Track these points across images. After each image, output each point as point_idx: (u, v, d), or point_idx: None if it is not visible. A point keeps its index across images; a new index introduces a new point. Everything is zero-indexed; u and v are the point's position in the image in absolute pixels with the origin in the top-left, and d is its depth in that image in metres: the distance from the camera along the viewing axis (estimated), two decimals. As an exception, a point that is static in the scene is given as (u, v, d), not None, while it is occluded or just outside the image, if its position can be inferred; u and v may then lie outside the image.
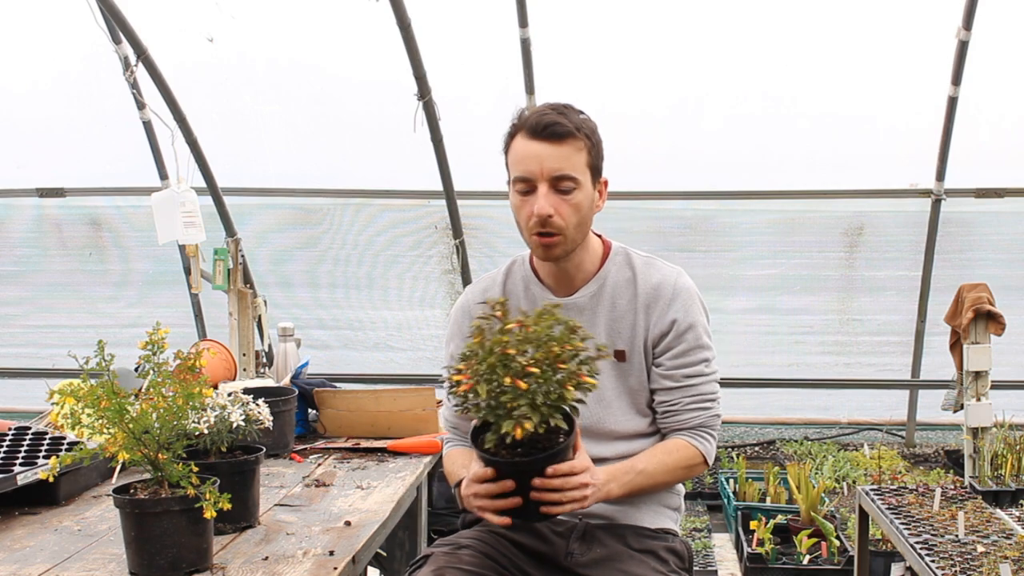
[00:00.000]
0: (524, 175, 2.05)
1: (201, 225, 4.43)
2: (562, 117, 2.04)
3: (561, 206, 2.04)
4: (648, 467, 2.09)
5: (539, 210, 2.03)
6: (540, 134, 2.03)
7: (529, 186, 2.05)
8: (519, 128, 2.07)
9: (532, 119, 2.04)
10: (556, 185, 2.04)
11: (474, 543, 2.07)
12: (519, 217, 2.10)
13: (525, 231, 2.10)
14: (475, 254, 5.65)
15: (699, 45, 5.07)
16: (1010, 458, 3.25)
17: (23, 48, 5.18)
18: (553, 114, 2.04)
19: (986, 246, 5.58)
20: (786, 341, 5.79)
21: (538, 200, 2.03)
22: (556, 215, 2.03)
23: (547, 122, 2.03)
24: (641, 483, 2.08)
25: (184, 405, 1.96)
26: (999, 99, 5.13)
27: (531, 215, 2.05)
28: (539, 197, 2.03)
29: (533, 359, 1.74)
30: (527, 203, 2.06)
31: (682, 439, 2.14)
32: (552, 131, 2.02)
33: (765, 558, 4.04)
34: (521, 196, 2.07)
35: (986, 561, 2.53)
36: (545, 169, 2.03)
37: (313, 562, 2.01)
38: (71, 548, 2.11)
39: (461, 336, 2.22)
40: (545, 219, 2.03)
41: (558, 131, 2.02)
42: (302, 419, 3.32)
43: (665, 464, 2.11)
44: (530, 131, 2.04)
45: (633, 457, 2.10)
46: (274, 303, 5.27)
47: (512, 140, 2.09)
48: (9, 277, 5.98)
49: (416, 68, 4.73)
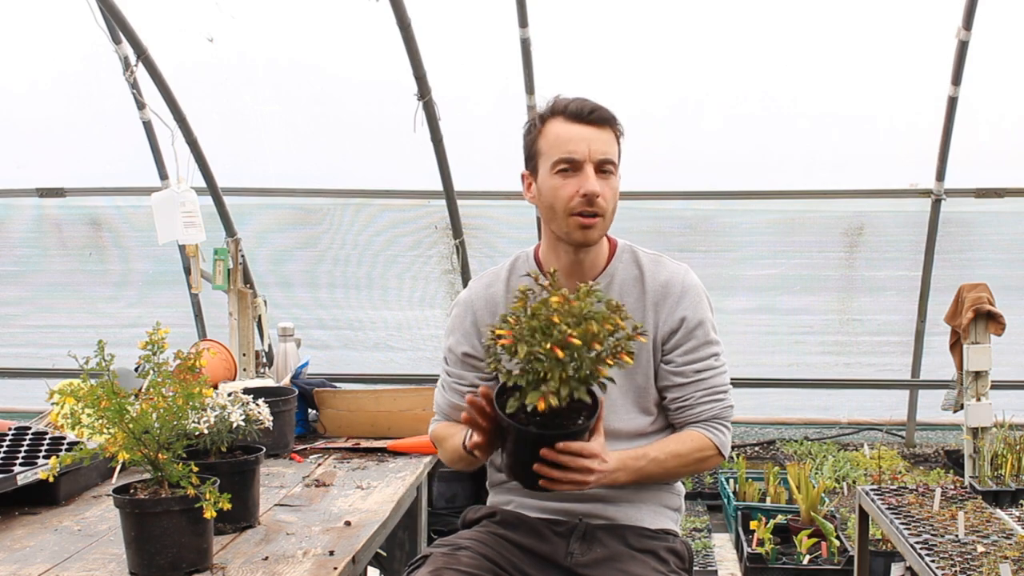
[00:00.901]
0: (570, 156, 2.06)
1: (201, 225, 4.43)
2: (601, 104, 2.10)
3: (605, 188, 2.07)
4: (660, 455, 2.08)
5: (590, 188, 2.04)
6: (585, 118, 2.07)
7: (574, 167, 2.06)
8: (556, 113, 2.09)
9: (573, 104, 2.08)
10: (600, 168, 2.07)
11: (473, 544, 2.07)
12: (557, 197, 2.08)
13: (563, 212, 2.08)
14: (475, 254, 5.65)
15: (699, 45, 5.07)
16: (1010, 458, 3.25)
17: (23, 48, 5.18)
18: (592, 101, 2.10)
19: (986, 246, 5.58)
20: (786, 341, 5.79)
21: (588, 179, 2.05)
22: (602, 197, 2.06)
23: (592, 107, 2.08)
24: (651, 471, 2.07)
25: (184, 405, 1.96)
26: (999, 99, 5.13)
27: (575, 194, 2.06)
28: (587, 176, 2.05)
29: (574, 332, 1.73)
30: (570, 182, 2.06)
31: (696, 431, 2.14)
32: (598, 115, 2.08)
33: (765, 558, 4.04)
34: (563, 177, 2.07)
35: (986, 561, 2.53)
36: (593, 151, 2.06)
37: (313, 562, 2.01)
38: (71, 548, 2.11)
39: (462, 330, 2.23)
40: (593, 198, 2.05)
41: (604, 115, 2.09)
42: (302, 419, 3.32)
43: (678, 453, 2.10)
44: (573, 115, 2.07)
45: (645, 445, 2.10)
46: (274, 303, 5.27)
47: (545, 125, 2.11)
48: (9, 277, 5.98)
49: (416, 68, 4.73)
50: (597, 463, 1.86)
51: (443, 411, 2.29)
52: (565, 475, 1.83)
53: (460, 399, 2.21)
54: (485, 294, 2.24)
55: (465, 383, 2.23)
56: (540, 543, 2.11)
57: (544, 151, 2.10)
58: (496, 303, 2.22)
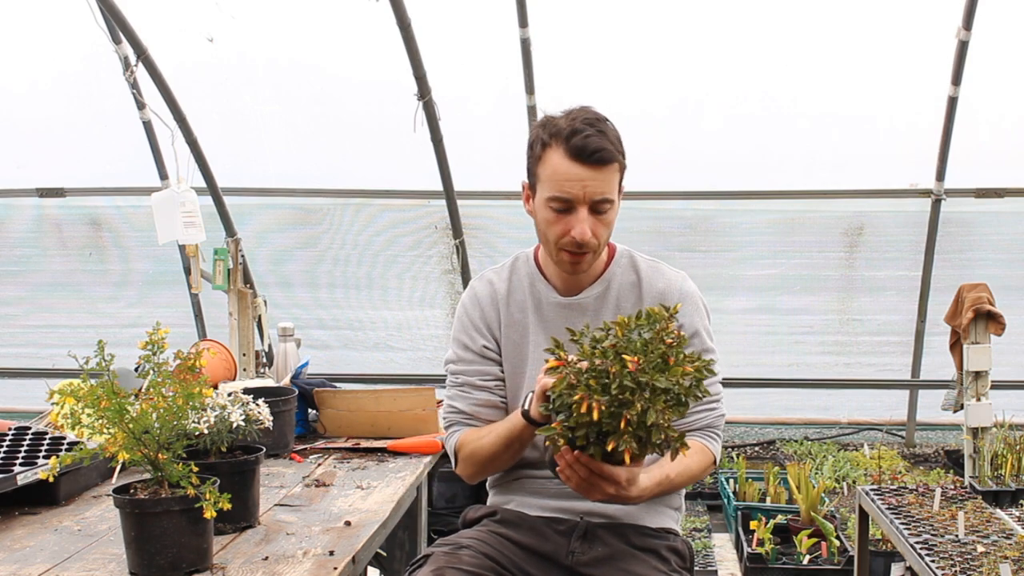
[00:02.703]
0: (564, 196, 2.03)
1: (201, 225, 4.43)
2: (605, 140, 2.02)
3: (597, 227, 2.06)
4: (674, 475, 2.05)
5: (580, 235, 2.03)
6: (586, 159, 2.00)
7: (567, 206, 2.04)
8: (559, 142, 2.03)
9: (577, 140, 2.00)
10: (595, 208, 2.04)
11: (474, 543, 2.07)
12: (549, 231, 2.08)
13: (552, 245, 2.09)
14: (475, 254, 5.65)
15: (699, 45, 5.07)
16: (1010, 458, 3.25)
17: (23, 48, 5.18)
18: (595, 135, 2.01)
19: (986, 246, 5.58)
20: (786, 341, 5.79)
21: (578, 223, 2.03)
22: (593, 235, 2.05)
23: (593, 148, 2.00)
24: (664, 491, 2.06)
25: (184, 405, 1.96)
26: (999, 99, 5.13)
27: (566, 233, 2.05)
28: (579, 220, 2.03)
29: (621, 397, 1.66)
30: (561, 221, 2.05)
31: (697, 441, 2.13)
32: (599, 157, 2.01)
33: (765, 558, 4.04)
34: (555, 213, 2.05)
35: (986, 561, 2.53)
36: (587, 194, 2.02)
37: (313, 562, 2.01)
38: (71, 548, 2.10)
39: (475, 327, 2.22)
40: (583, 241, 2.04)
41: (605, 157, 2.02)
42: (302, 419, 3.32)
43: (689, 468, 2.09)
44: (574, 153, 2.01)
45: (664, 464, 2.03)
46: (274, 303, 5.27)
47: (546, 151, 2.05)
48: (9, 277, 5.98)
49: (416, 68, 4.73)
50: (615, 488, 1.83)
51: (469, 416, 2.20)
52: (577, 481, 1.82)
53: (490, 395, 2.19)
54: (489, 290, 2.24)
55: (491, 378, 2.20)
56: (541, 542, 2.11)
57: (541, 180, 2.07)
58: (499, 300, 2.23)
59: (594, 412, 1.65)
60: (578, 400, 1.67)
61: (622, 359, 1.67)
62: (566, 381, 1.70)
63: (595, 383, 1.67)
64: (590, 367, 1.69)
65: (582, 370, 1.70)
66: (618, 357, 1.68)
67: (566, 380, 1.70)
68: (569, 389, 1.69)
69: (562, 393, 1.71)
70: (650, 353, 1.69)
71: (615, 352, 1.69)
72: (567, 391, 1.70)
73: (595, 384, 1.67)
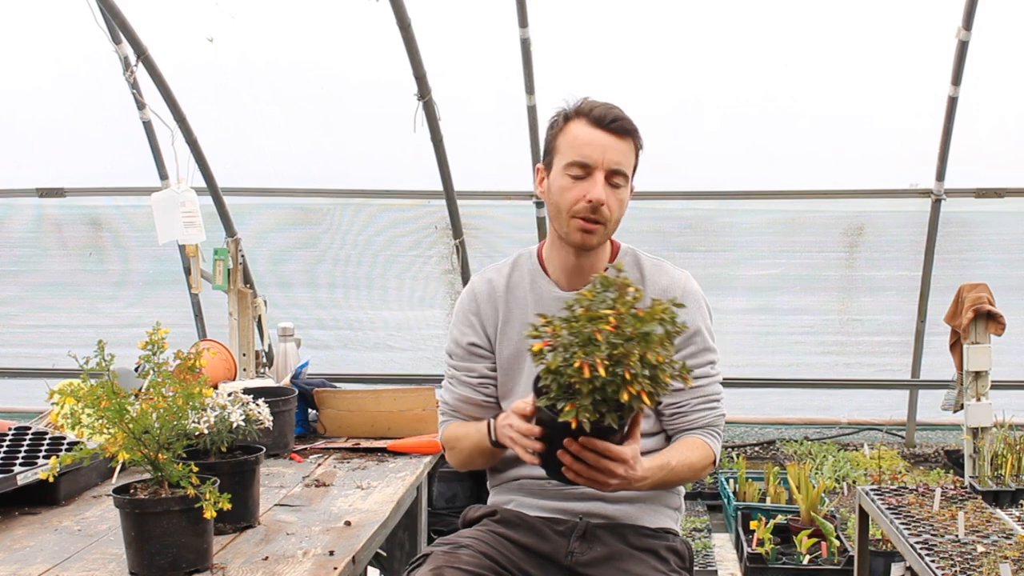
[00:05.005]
0: (584, 160, 2.07)
1: (201, 225, 4.43)
2: (624, 114, 2.10)
3: (611, 198, 2.08)
4: (678, 466, 2.07)
5: (596, 195, 2.06)
6: (607, 125, 2.07)
7: (585, 171, 2.08)
8: (580, 114, 2.10)
9: (598, 109, 2.09)
10: (611, 178, 2.08)
11: (474, 543, 2.08)
12: (563, 198, 2.10)
13: (566, 214, 2.10)
14: (475, 254, 5.65)
15: (699, 45, 5.07)
16: (1010, 458, 3.25)
17: (23, 48, 5.18)
18: (618, 110, 2.10)
19: (986, 246, 5.58)
20: (786, 341, 5.79)
21: (595, 186, 2.06)
22: (606, 206, 2.07)
23: (615, 115, 2.08)
24: (665, 479, 2.05)
25: (184, 405, 1.96)
26: (999, 99, 5.13)
27: (581, 198, 2.07)
28: (595, 183, 2.06)
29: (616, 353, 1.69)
30: (578, 186, 2.08)
31: (698, 438, 2.14)
32: (620, 125, 2.08)
33: (765, 558, 4.04)
34: (572, 179, 2.09)
35: (986, 561, 2.53)
36: (606, 159, 2.07)
37: (313, 562, 2.01)
38: (71, 548, 2.11)
39: (467, 322, 2.24)
40: (598, 205, 2.06)
41: (625, 127, 2.09)
42: (302, 419, 3.32)
43: (689, 461, 2.10)
44: (595, 120, 2.08)
45: (665, 452, 2.09)
46: (273, 303, 5.27)
47: (568, 124, 2.12)
48: (9, 277, 5.98)
49: (416, 68, 4.73)
50: (624, 468, 1.82)
51: (453, 408, 2.27)
52: (587, 471, 1.81)
53: (471, 391, 2.23)
54: (488, 287, 2.25)
55: (475, 375, 2.23)
56: (540, 542, 2.11)
57: (561, 149, 2.11)
58: (497, 297, 2.23)
59: (599, 368, 1.66)
60: (578, 368, 1.68)
61: (601, 322, 1.71)
62: (559, 357, 1.71)
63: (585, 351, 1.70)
64: (573, 338, 1.72)
65: (569, 343, 1.72)
66: (596, 320, 1.71)
67: (558, 356, 1.71)
68: (564, 363, 1.70)
69: (559, 368, 1.71)
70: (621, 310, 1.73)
71: (590, 319, 1.72)
72: (563, 364, 1.70)
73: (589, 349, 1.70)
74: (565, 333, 1.73)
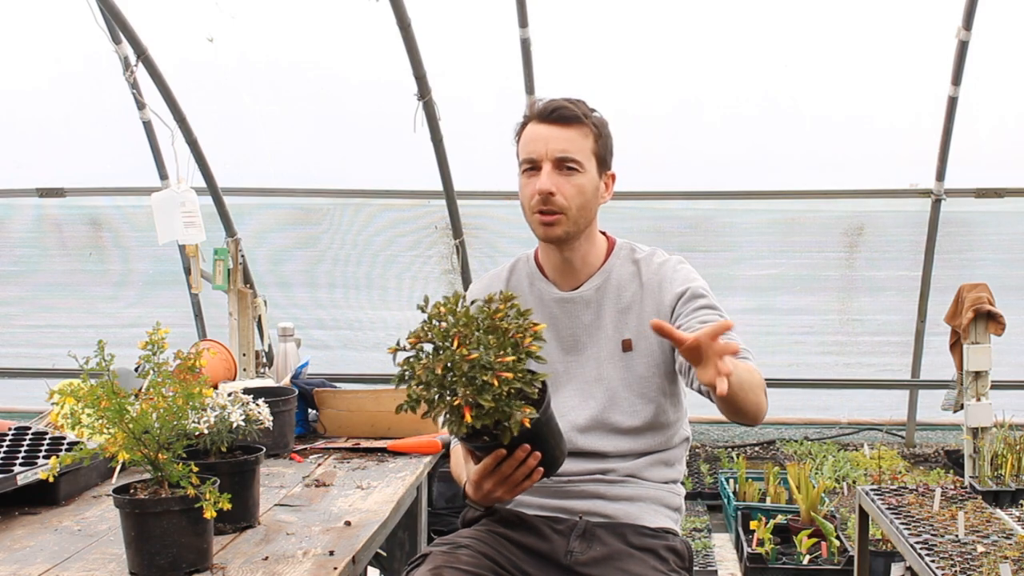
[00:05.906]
0: (530, 155, 2.13)
1: (201, 225, 4.43)
2: (571, 104, 2.13)
3: (564, 186, 2.10)
4: (741, 367, 1.86)
5: (540, 186, 2.09)
6: (548, 117, 2.13)
7: (534, 167, 2.13)
8: (531, 116, 2.16)
9: (542, 105, 2.15)
10: (560, 166, 2.11)
11: (473, 542, 2.07)
12: (522, 197, 2.16)
13: (527, 211, 2.16)
14: (475, 254, 5.65)
15: (699, 45, 5.07)
16: (1010, 458, 3.25)
17: (23, 48, 5.18)
18: (563, 101, 2.14)
19: (986, 246, 5.58)
20: (786, 341, 5.79)
21: (541, 178, 2.10)
22: (558, 194, 2.10)
23: (555, 107, 2.13)
24: (741, 377, 1.83)
25: (184, 405, 1.96)
26: (999, 99, 5.13)
27: (534, 193, 2.11)
28: (542, 176, 2.10)
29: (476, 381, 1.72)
30: (531, 182, 2.13)
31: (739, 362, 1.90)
32: (559, 115, 2.12)
33: (765, 558, 4.04)
34: (527, 177, 2.14)
35: (986, 561, 2.54)
36: (550, 150, 2.11)
37: (313, 562, 2.01)
38: (71, 548, 2.11)
39: None
40: (546, 196, 2.09)
41: (565, 115, 2.12)
42: (302, 419, 3.32)
43: (745, 366, 1.91)
44: (539, 116, 2.14)
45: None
46: (273, 303, 5.27)
47: (524, 128, 2.18)
48: (9, 277, 5.98)
49: (416, 68, 4.73)
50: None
51: None
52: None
53: None
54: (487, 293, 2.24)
55: None
56: (540, 541, 2.11)
57: (519, 153, 2.18)
58: None
59: (466, 416, 1.70)
60: (461, 414, 1.72)
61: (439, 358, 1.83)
62: (439, 413, 1.78)
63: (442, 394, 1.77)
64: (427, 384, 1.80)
65: (426, 389, 1.80)
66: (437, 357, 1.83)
67: (437, 412, 1.78)
68: (451, 412, 1.75)
69: (448, 418, 1.76)
70: (460, 331, 1.82)
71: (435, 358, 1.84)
72: (450, 419, 1.76)
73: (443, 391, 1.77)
74: (421, 376, 1.80)
